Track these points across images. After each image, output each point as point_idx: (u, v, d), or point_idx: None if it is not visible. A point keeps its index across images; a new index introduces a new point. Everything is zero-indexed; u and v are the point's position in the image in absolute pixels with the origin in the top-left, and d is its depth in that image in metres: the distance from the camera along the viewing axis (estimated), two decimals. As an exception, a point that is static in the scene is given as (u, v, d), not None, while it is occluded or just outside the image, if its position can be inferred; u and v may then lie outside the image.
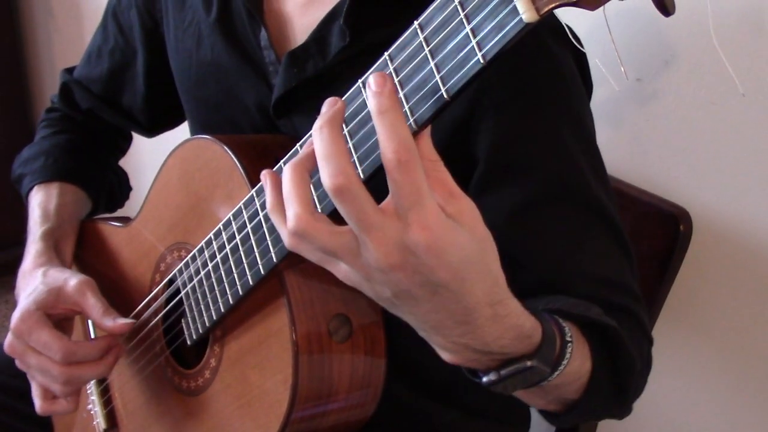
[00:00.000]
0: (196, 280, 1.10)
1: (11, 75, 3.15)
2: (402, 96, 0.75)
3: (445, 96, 0.73)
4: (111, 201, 1.54)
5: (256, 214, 0.96)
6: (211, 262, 1.07)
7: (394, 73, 0.77)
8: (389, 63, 0.77)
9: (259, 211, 0.96)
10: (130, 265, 1.32)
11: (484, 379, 0.87)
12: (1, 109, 3.08)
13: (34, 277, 1.25)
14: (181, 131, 1.47)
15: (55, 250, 1.33)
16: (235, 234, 1.01)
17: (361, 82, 0.80)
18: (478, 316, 0.78)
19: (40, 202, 1.41)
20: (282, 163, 0.91)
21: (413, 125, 0.75)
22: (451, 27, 0.71)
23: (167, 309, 1.21)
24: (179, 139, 1.23)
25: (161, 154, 1.23)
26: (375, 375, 1.10)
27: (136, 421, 1.30)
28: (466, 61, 0.71)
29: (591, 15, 0.71)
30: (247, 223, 0.98)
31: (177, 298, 1.17)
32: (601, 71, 1.14)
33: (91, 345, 1.19)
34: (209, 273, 1.07)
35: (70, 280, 1.21)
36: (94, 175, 1.50)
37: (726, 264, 1.46)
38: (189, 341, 1.16)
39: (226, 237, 1.03)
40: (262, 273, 0.98)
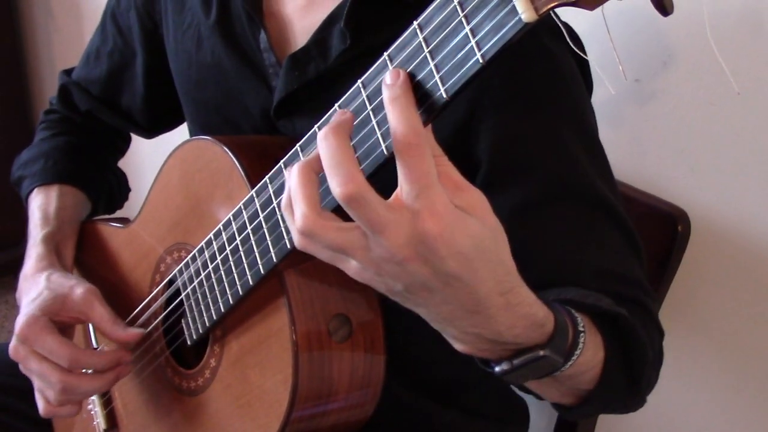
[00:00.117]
0: (197, 280, 1.11)
1: (11, 75, 3.14)
2: None
3: (444, 96, 0.73)
4: (110, 202, 1.54)
5: (256, 214, 0.97)
6: (212, 262, 1.07)
7: (393, 73, 0.77)
8: (389, 63, 0.77)
9: (259, 211, 0.96)
10: (129, 266, 1.32)
11: (497, 368, 0.86)
12: (1, 110, 3.08)
13: (37, 281, 1.25)
14: (180, 132, 1.47)
15: (56, 254, 1.33)
16: (235, 234, 1.01)
17: (360, 83, 0.80)
18: (490, 305, 0.78)
19: (40, 205, 1.41)
20: (282, 163, 0.91)
21: None
22: (450, 27, 0.72)
23: (167, 310, 1.21)
24: (178, 140, 1.23)
25: (161, 155, 1.23)
26: (374, 375, 1.11)
27: (136, 421, 1.30)
28: (465, 61, 0.71)
29: (589, 15, 0.71)
30: (247, 223, 0.98)
31: (177, 299, 1.17)
32: (599, 71, 1.15)
33: (98, 355, 1.20)
34: (209, 273, 1.08)
35: (76, 288, 1.21)
36: (93, 177, 1.50)
37: (724, 264, 1.46)
38: (189, 341, 1.16)
39: (226, 237, 1.03)
40: (263, 273, 0.98)
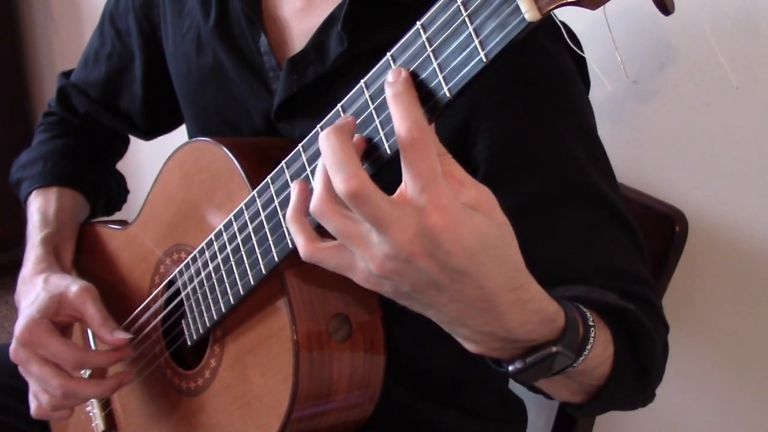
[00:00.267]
0: (197, 281, 1.11)
1: (11, 77, 3.14)
2: None
3: (447, 95, 0.73)
4: (109, 204, 1.55)
5: (257, 214, 0.97)
6: (212, 263, 1.07)
7: (396, 74, 0.77)
8: (392, 63, 0.77)
9: (260, 211, 0.96)
10: (129, 268, 1.32)
11: (510, 367, 0.86)
12: (1, 111, 3.08)
13: (35, 283, 1.25)
14: (179, 134, 1.47)
15: (54, 256, 1.33)
16: (237, 234, 1.01)
17: (363, 83, 0.80)
18: (500, 302, 0.77)
19: (39, 207, 1.41)
20: (284, 164, 0.91)
21: None
22: (453, 27, 0.72)
23: (167, 310, 1.21)
24: (178, 141, 1.23)
25: (160, 157, 1.23)
26: (374, 374, 1.11)
27: (135, 422, 1.30)
28: (468, 60, 0.72)
29: (589, 15, 0.72)
30: (248, 223, 0.99)
31: (177, 300, 1.18)
32: (599, 70, 1.15)
33: (103, 354, 1.20)
34: (210, 274, 1.08)
35: (71, 286, 1.21)
36: (92, 179, 1.50)
37: (721, 265, 1.47)
38: (189, 342, 1.16)
39: (227, 238, 1.03)
40: (264, 273, 0.98)
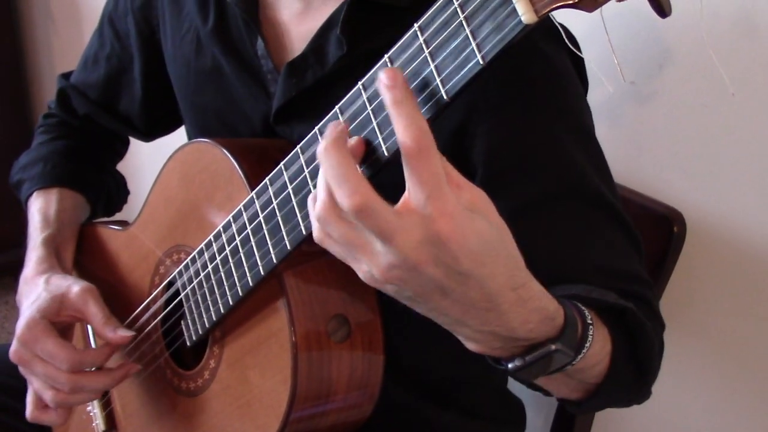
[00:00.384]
0: (196, 281, 1.11)
1: (11, 78, 3.15)
2: None
3: (445, 97, 0.74)
4: (109, 205, 1.55)
5: (256, 215, 0.97)
6: (211, 263, 1.07)
7: (394, 75, 0.78)
8: (389, 65, 0.78)
9: (259, 212, 0.96)
10: (129, 268, 1.32)
11: (510, 365, 0.86)
12: (1, 112, 3.09)
13: (37, 284, 1.26)
14: (179, 135, 1.47)
15: (56, 256, 1.34)
16: (235, 236, 1.02)
17: (361, 85, 0.81)
18: (502, 301, 0.78)
19: (40, 208, 1.42)
20: (282, 165, 0.92)
21: None
22: (450, 29, 0.73)
23: (167, 311, 1.21)
24: (178, 142, 1.23)
25: (160, 158, 1.24)
26: (373, 375, 1.11)
27: (135, 422, 1.30)
28: (465, 62, 0.72)
29: (587, 17, 0.72)
30: (247, 224, 0.99)
31: (176, 300, 1.18)
32: (596, 72, 1.16)
33: (96, 352, 1.21)
34: (209, 275, 1.08)
35: (72, 287, 1.22)
36: (92, 180, 1.50)
37: (719, 265, 1.47)
38: (189, 342, 1.16)
39: (226, 239, 1.04)
40: (263, 274, 0.99)
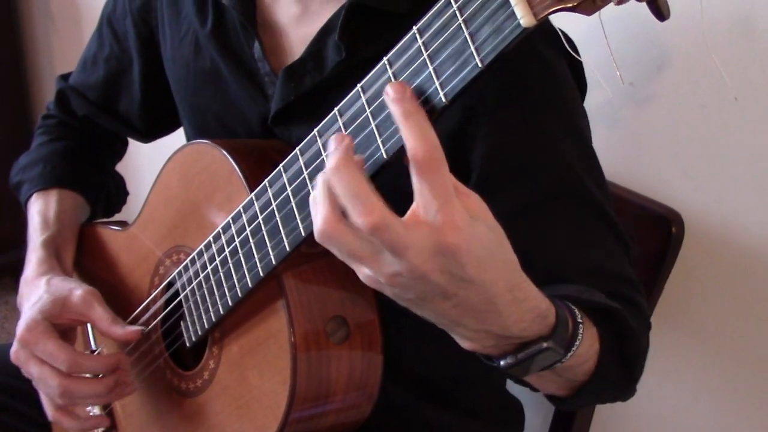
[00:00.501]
0: (195, 282, 1.11)
1: (11, 78, 3.15)
2: None
3: (443, 100, 0.74)
4: (109, 206, 1.55)
5: (255, 217, 0.97)
6: (211, 264, 1.07)
7: (392, 77, 0.78)
8: (388, 67, 0.78)
9: (258, 214, 0.97)
10: (129, 269, 1.32)
11: (502, 363, 0.87)
12: (1, 113, 3.09)
13: (38, 285, 1.26)
14: (178, 136, 1.47)
15: (56, 258, 1.34)
16: (234, 237, 1.02)
17: (360, 87, 0.81)
18: (499, 302, 0.79)
19: (40, 210, 1.42)
20: (281, 167, 0.92)
21: None
22: (449, 32, 0.73)
23: (166, 311, 1.22)
24: (177, 143, 1.24)
25: (160, 159, 1.24)
26: (372, 376, 1.11)
27: (134, 422, 1.30)
28: (464, 65, 0.72)
29: (586, 20, 0.72)
30: (246, 225, 0.99)
31: (176, 301, 1.18)
32: (595, 74, 1.16)
33: (97, 359, 1.21)
34: (208, 275, 1.08)
35: (75, 290, 1.22)
36: (92, 181, 1.50)
37: (718, 266, 1.47)
38: (188, 343, 1.16)
39: (225, 240, 1.04)
40: (261, 275, 0.99)
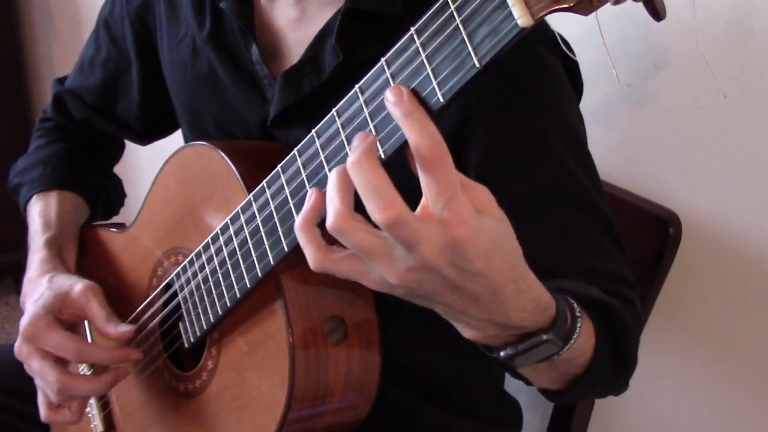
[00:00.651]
0: (194, 283, 1.11)
1: (11, 80, 3.16)
2: None
3: (441, 100, 0.74)
4: (108, 207, 1.55)
5: (253, 218, 0.97)
6: (209, 266, 1.08)
7: (390, 78, 0.78)
8: (386, 68, 0.78)
9: (256, 215, 0.97)
10: (127, 270, 1.32)
11: (502, 353, 0.88)
12: (1, 114, 3.09)
13: (40, 283, 1.26)
14: (176, 138, 1.48)
15: (59, 257, 1.34)
16: (233, 238, 1.02)
17: (358, 88, 0.81)
18: (503, 292, 0.80)
19: (41, 211, 1.42)
20: (279, 168, 0.92)
21: None
22: (447, 32, 0.73)
23: (165, 312, 1.22)
24: (176, 145, 1.24)
25: (158, 161, 1.24)
26: (370, 376, 1.11)
27: (133, 423, 1.31)
28: (462, 66, 0.72)
29: (582, 20, 0.72)
30: (244, 227, 0.99)
31: (174, 302, 1.18)
32: (592, 75, 1.16)
33: (105, 350, 1.20)
34: (207, 277, 1.08)
35: (75, 285, 1.22)
36: (91, 182, 1.51)
37: (715, 267, 1.47)
38: (186, 344, 1.17)
39: (223, 241, 1.04)
40: (260, 276, 0.99)
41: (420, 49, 0.75)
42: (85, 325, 1.35)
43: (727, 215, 1.43)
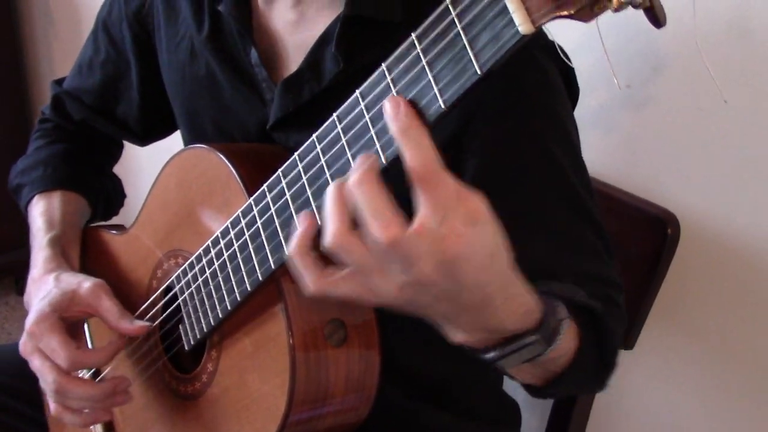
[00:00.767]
0: (194, 286, 1.12)
1: (11, 80, 3.16)
2: None
3: (442, 106, 0.74)
4: (108, 208, 1.55)
5: (254, 222, 0.97)
6: (209, 269, 1.08)
7: (391, 83, 0.78)
8: (386, 74, 0.78)
9: (257, 218, 0.97)
10: (127, 272, 1.32)
11: (488, 355, 0.89)
12: (1, 115, 3.09)
13: (46, 282, 1.26)
14: (176, 139, 1.47)
15: (63, 256, 1.34)
16: (233, 241, 1.02)
17: (359, 93, 0.81)
18: (495, 299, 0.81)
19: (43, 211, 1.42)
20: (280, 172, 0.92)
21: None
22: (448, 38, 0.73)
23: (165, 315, 1.22)
24: (175, 146, 1.24)
25: (158, 162, 1.24)
26: (369, 378, 1.12)
27: (133, 425, 1.31)
28: (463, 72, 0.72)
29: (582, 24, 0.72)
30: (245, 230, 0.99)
31: (175, 305, 1.18)
32: (593, 78, 1.17)
33: (96, 352, 1.21)
34: (207, 280, 1.09)
35: (83, 283, 1.22)
36: (92, 182, 1.51)
37: (713, 267, 1.48)
38: (187, 346, 1.17)
39: (223, 244, 1.04)
40: (260, 280, 0.99)
41: (421, 55, 0.75)
42: (85, 328, 1.35)
43: (726, 216, 1.43)
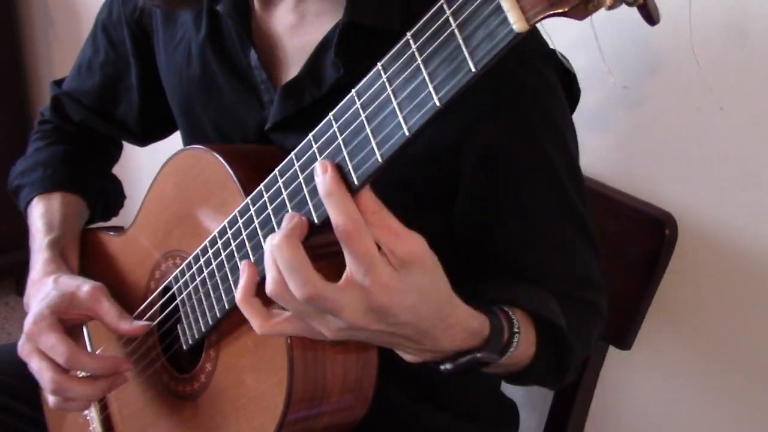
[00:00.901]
0: (192, 287, 1.12)
1: (11, 81, 3.16)
2: (395, 105, 0.77)
3: (438, 104, 0.75)
4: (107, 209, 1.55)
5: (251, 221, 0.98)
6: (207, 268, 1.08)
7: (387, 83, 0.78)
8: (382, 73, 0.79)
9: (254, 218, 0.97)
10: (125, 273, 1.33)
11: (442, 368, 0.98)
12: (1, 116, 3.09)
13: (45, 284, 1.26)
14: (176, 140, 1.48)
15: (62, 258, 1.34)
16: (231, 241, 1.02)
17: (355, 92, 0.81)
18: (433, 331, 0.88)
19: (43, 213, 1.42)
20: (277, 171, 0.92)
21: (407, 133, 0.77)
22: (443, 37, 0.73)
23: (163, 315, 1.22)
24: (174, 146, 1.24)
25: (157, 163, 1.24)
26: (367, 377, 1.12)
27: (132, 425, 1.31)
28: (458, 69, 0.73)
29: (578, 24, 0.73)
30: (242, 230, 0.99)
31: (173, 305, 1.19)
32: (589, 78, 1.17)
33: (96, 359, 1.21)
34: (205, 280, 1.09)
35: (82, 285, 1.22)
36: (91, 184, 1.51)
37: (711, 268, 1.48)
38: (185, 346, 1.17)
39: (221, 244, 1.04)
40: (258, 279, 0.99)
41: (416, 53, 0.75)
42: (84, 330, 1.35)
43: (723, 216, 1.43)
